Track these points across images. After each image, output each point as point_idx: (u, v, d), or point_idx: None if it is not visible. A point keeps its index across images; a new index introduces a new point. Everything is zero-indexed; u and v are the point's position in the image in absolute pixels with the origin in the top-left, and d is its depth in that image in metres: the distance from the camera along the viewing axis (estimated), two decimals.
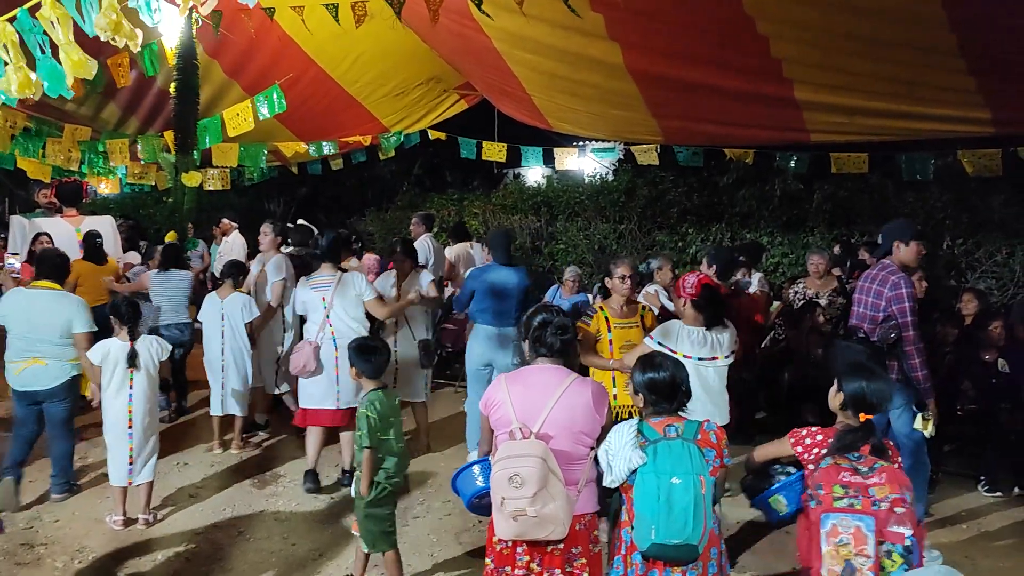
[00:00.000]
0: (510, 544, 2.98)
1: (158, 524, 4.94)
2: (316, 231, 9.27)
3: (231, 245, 10.11)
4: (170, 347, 5.00)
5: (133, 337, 4.82)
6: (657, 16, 5.77)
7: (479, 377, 5.89)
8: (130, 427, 4.81)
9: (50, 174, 9.88)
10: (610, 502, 3.13)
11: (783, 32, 5.50)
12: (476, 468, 3.18)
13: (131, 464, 4.83)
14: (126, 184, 12.87)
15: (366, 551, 3.99)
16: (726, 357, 4.33)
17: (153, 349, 4.90)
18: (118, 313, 4.83)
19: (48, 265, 5.26)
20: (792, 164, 8.79)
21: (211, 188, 11.11)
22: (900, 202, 9.22)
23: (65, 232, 7.97)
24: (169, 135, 9.02)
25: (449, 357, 8.55)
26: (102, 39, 3.25)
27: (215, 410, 6.20)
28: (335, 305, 5.51)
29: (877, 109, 6.03)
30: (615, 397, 4.62)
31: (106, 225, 8.28)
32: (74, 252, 7.62)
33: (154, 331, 6.08)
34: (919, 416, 4.40)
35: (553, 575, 2.94)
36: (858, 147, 8.08)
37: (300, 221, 9.56)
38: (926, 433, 4.41)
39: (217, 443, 6.21)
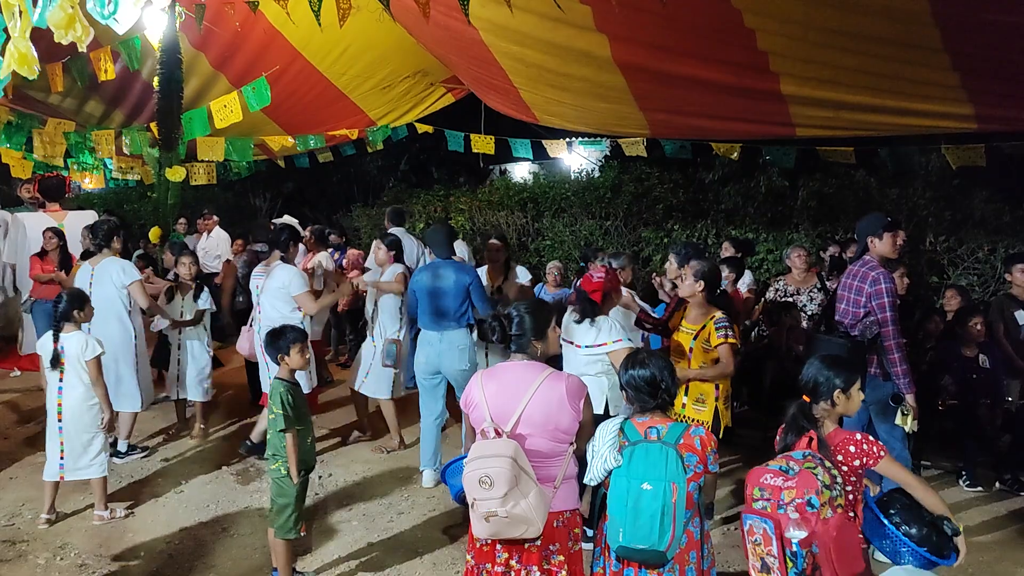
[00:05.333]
0: (489, 541, 2.97)
1: (141, 521, 4.92)
2: (301, 227, 9.26)
3: (215, 240, 10.09)
4: (98, 349, 4.75)
5: (56, 336, 4.72)
6: (645, 9, 5.77)
7: (426, 388, 5.62)
8: (59, 420, 4.77)
9: (31, 169, 9.80)
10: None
11: (770, 26, 5.51)
12: (465, 463, 3.18)
13: (62, 459, 4.78)
14: (111, 179, 12.80)
15: None
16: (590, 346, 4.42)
17: (80, 345, 4.74)
18: (54, 313, 4.77)
19: None
20: (781, 155, 8.79)
21: (197, 183, 11.05)
22: (884, 199, 9.28)
23: (48, 227, 7.91)
24: (155, 128, 8.97)
25: None
26: (55, 37, 3.17)
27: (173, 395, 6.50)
28: (264, 293, 5.67)
29: (862, 104, 6.06)
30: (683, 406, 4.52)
31: (90, 221, 8.22)
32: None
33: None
34: (898, 411, 4.44)
35: (531, 572, 2.92)
36: (843, 142, 8.12)
37: (286, 216, 9.55)
38: (907, 428, 4.45)
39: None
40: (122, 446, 5.90)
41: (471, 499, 2.87)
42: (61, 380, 4.75)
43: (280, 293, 5.63)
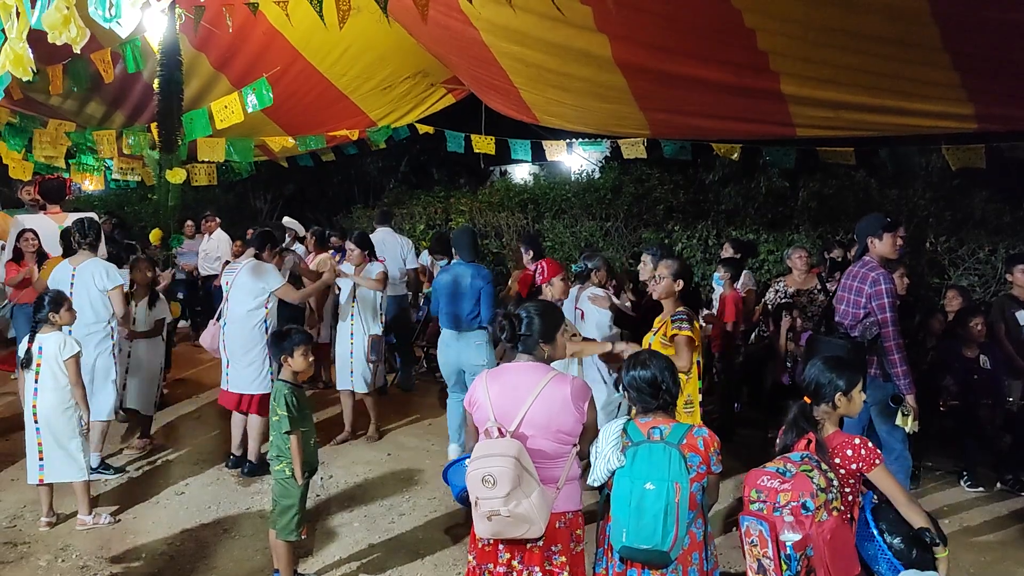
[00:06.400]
0: (491, 541, 2.97)
1: (143, 522, 4.92)
2: (302, 229, 9.29)
3: (216, 242, 10.11)
4: (76, 348, 4.70)
5: (32, 337, 4.69)
6: (645, 9, 5.78)
7: (452, 386, 5.91)
8: (36, 422, 4.72)
9: (31, 171, 9.80)
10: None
11: (770, 25, 5.51)
12: (468, 462, 3.17)
13: (41, 460, 4.73)
14: (111, 180, 12.80)
15: None
16: None
17: (58, 344, 4.67)
18: (34, 315, 4.75)
19: None
20: (781, 156, 8.79)
21: (197, 184, 11.05)
22: (884, 199, 9.28)
23: (49, 229, 7.89)
24: (155, 129, 8.97)
25: (432, 356, 8.59)
26: (49, 37, 3.16)
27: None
28: (234, 291, 5.73)
29: (862, 103, 6.06)
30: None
31: None
32: (57, 249, 7.57)
33: None
34: (898, 412, 4.44)
35: (532, 572, 2.92)
36: (843, 142, 8.12)
37: (286, 218, 9.55)
38: (907, 429, 4.45)
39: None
40: (94, 460, 5.58)
41: (474, 498, 2.87)
42: (36, 382, 4.70)
43: (247, 289, 5.68)
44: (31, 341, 4.68)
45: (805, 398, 3.08)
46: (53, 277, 5.60)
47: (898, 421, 4.46)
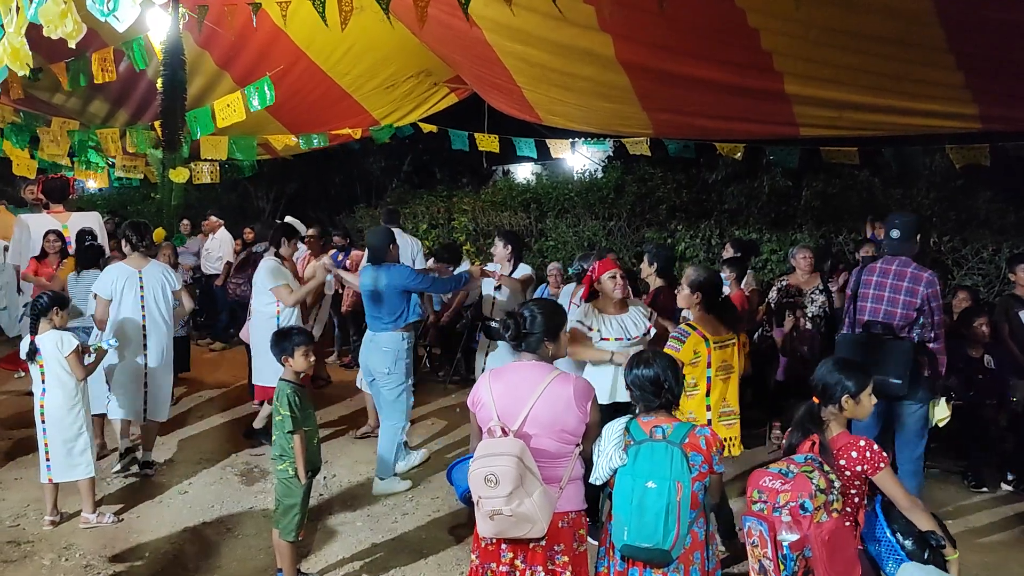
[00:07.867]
0: (494, 541, 2.97)
1: (146, 521, 4.92)
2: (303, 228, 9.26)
3: (218, 242, 10.11)
4: (74, 342, 4.72)
5: (34, 331, 4.71)
6: (648, 9, 5.77)
7: (372, 388, 5.78)
8: (43, 421, 4.74)
9: (35, 169, 9.83)
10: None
11: (773, 25, 5.50)
12: (471, 461, 3.17)
13: (48, 461, 4.74)
14: (115, 179, 12.81)
15: None
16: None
17: (55, 342, 4.68)
18: (32, 308, 4.78)
19: None
20: (784, 155, 8.76)
21: (200, 182, 11.06)
22: (888, 199, 9.27)
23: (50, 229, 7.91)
24: (159, 128, 8.97)
25: (434, 356, 8.63)
26: (44, 31, 3.14)
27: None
28: (255, 288, 6.04)
29: (866, 103, 6.05)
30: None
31: (93, 222, 8.23)
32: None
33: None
34: (942, 401, 4.58)
35: (535, 572, 2.93)
36: (846, 142, 8.11)
37: (288, 218, 9.56)
38: (946, 419, 4.59)
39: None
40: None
41: (476, 497, 2.88)
42: (43, 382, 4.73)
43: (259, 286, 5.96)
44: (33, 333, 4.71)
45: (814, 398, 3.07)
46: (114, 277, 5.49)
47: (940, 411, 4.59)
